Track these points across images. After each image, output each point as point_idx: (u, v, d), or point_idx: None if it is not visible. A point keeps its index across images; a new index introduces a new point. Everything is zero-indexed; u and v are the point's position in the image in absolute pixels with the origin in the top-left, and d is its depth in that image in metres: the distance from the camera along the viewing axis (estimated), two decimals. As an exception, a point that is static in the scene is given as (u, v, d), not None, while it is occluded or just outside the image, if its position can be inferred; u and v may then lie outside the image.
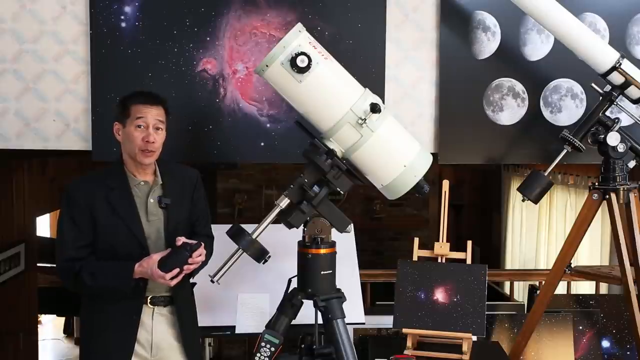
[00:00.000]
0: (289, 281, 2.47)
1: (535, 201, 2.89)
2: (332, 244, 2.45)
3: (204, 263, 2.52)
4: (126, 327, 2.46)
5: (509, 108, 3.22)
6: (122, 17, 3.04)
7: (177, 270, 2.34)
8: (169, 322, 2.54)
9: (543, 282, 3.43)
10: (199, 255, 2.40)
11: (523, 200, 2.91)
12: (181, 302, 2.56)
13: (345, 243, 2.70)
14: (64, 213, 2.45)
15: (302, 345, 2.51)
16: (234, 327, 2.90)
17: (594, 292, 4.05)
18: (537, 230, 6.72)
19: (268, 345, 2.33)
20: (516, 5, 2.82)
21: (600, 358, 3.41)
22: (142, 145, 2.43)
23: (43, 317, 8.09)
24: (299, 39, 2.29)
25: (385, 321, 3.18)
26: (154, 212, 2.49)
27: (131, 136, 2.44)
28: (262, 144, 3.14)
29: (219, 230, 2.57)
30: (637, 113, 3.00)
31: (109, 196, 2.44)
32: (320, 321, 2.43)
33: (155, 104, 2.47)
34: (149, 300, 2.49)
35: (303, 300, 2.43)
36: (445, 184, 3.02)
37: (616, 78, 2.82)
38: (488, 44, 3.19)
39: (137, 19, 3.05)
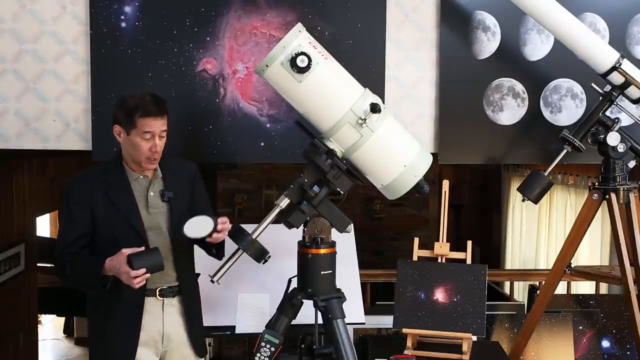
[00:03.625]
0: (289, 281, 2.48)
1: (535, 201, 2.89)
2: (332, 244, 2.45)
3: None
4: (129, 321, 2.47)
5: (509, 108, 3.21)
6: (122, 17, 3.04)
7: (143, 270, 2.26)
8: (179, 312, 2.56)
9: (543, 282, 3.43)
10: (224, 222, 2.39)
11: (523, 200, 2.91)
12: (188, 291, 2.58)
13: (345, 243, 2.70)
14: (63, 207, 2.50)
15: (302, 345, 2.51)
16: (234, 327, 2.90)
17: (594, 292, 4.05)
18: (537, 230, 6.71)
19: (268, 345, 2.34)
20: (516, 5, 2.82)
21: (600, 358, 3.41)
22: (150, 154, 2.46)
23: (43, 317, 8.08)
24: (299, 39, 2.29)
25: (385, 321, 3.18)
26: (154, 205, 2.52)
27: (137, 146, 2.44)
28: (262, 144, 3.14)
29: (219, 231, 2.58)
30: (637, 113, 3.00)
31: (109, 191, 2.47)
32: (320, 321, 2.43)
33: (160, 115, 2.45)
34: (157, 293, 2.50)
35: (303, 300, 2.43)
36: (445, 184, 3.02)
37: (616, 78, 2.82)
38: (488, 44, 3.18)
39: (137, 19, 3.05)
